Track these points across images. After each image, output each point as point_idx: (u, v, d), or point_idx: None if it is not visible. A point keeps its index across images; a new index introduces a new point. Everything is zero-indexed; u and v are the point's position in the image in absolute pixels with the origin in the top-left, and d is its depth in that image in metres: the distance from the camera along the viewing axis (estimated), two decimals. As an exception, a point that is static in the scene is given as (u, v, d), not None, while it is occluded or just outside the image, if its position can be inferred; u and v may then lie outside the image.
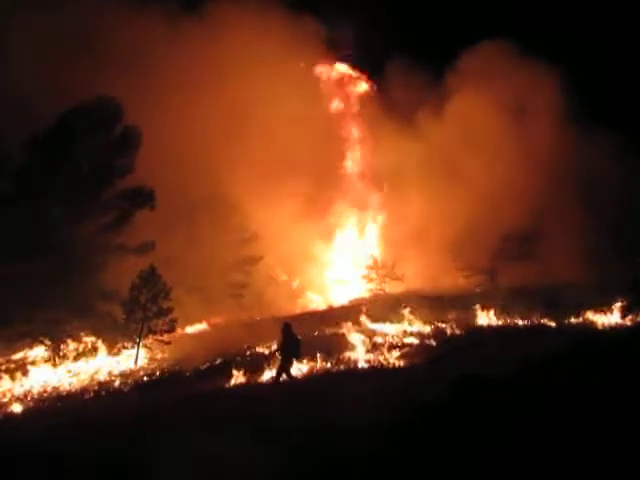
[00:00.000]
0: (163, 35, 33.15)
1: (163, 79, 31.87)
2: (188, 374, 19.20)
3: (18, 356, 22.83)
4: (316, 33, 39.65)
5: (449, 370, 14.82)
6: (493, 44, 39.91)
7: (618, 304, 23.64)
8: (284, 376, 15.75)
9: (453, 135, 37.88)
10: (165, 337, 22.87)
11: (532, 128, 37.37)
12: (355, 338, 22.41)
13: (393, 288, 36.85)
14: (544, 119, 37.36)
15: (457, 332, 23.46)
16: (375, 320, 25.42)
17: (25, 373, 20.80)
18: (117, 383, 19.22)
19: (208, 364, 20.09)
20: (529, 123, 37.64)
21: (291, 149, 35.58)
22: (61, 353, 22.47)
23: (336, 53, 45.49)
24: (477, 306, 25.63)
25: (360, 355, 20.14)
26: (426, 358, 19.00)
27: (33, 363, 21.83)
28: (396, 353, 20.15)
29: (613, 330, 21.71)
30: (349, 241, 42.43)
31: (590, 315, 23.77)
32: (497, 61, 39.32)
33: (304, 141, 36.42)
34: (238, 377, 17.63)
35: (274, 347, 17.18)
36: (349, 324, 24.29)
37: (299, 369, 18.54)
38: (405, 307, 26.08)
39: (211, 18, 35.46)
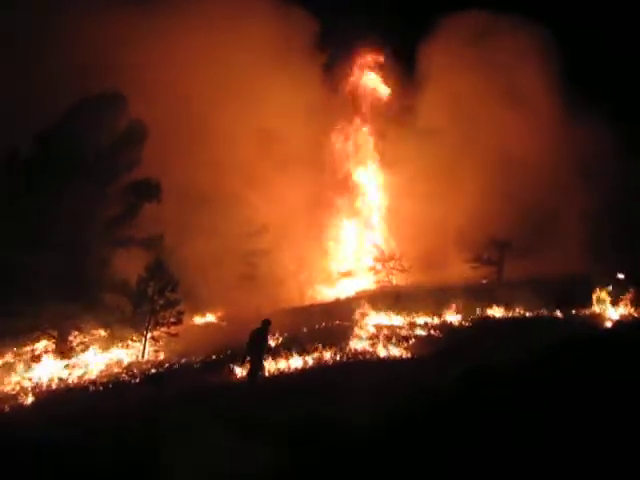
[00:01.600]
0: (164, 25, 32.94)
1: (168, 72, 31.79)
2: (195, 366, 19.30)
3: (26, 349, 22.97)
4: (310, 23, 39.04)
5: (456, 362, 14.83)
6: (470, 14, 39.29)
7: (626, 295, 23.56)
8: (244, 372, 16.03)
9: (444, 115, 37.34)
10: (172, 329, 22.96)
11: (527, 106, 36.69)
12: (362, 330, 22.44)
13: (400, 280, 36.86)
14: (539, 93, 36.67)
15: (464, 324, 23.44)
16: (382, 312, 25.42)
17: (33, 366, 20.95)
18: (124, 375, 19.31)
19: (215, 357, 20.16)
20: (523, 101, 36.88)
21: (296, 140, 35.52)
22: (69, 346, 22.61)
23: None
24: (484, 298, 25.59)
25: (367, 347, 20.16)
26: (433, 350, 19.00)
27: (41, 356, 21.95)
28: (403, 345, 20.16)
29: (620, 322, 21.66)
30: (356, 233, 42.35)
31: (598, 306, 23.67)
32: (479, 29, 38.62)
33: (309, 132, 36.41)
34: (244, 370, 17.64)
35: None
36: (356, 316, 24.30)
37: (306, 361, 18.66)
38: (412, 299, 26.06)
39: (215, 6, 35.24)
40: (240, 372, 17.48)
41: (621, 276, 24.90)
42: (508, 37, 37.95)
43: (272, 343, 20.65)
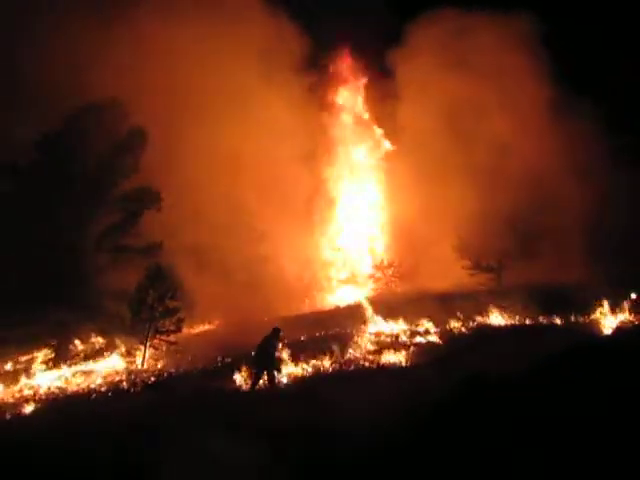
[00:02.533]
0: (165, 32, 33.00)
1: (167, 78, 31.84)
2: (194, 374, 19.27)
3: (27, 357, 22.95)
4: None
5: (456, 369, 14.81)
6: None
7: (626, 302, 23.54)
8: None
9: (440, 119, 37.10)
10: (172, 337, 22.96)
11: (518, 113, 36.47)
12: (361, 337, 22.42)
13: (399, 287, 36.82)
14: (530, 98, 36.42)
15: (463, 331, 23.41)
16: (381, 319, 25.39)
17: (34, 374, 20.94)
18: (124, 383, 19.29)
19: (214, 364, 20.14)
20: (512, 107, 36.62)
21: (296, 146, 35.61)
22: (69, 354, 22.60)
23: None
24: (483, 304, 25.57)
25: (366, 355, 20.14)
26: (432, 357, 18.97)
27: (41, 364, 21.95)
28: (402, 352, 20.13)
29: (620, 328, 21.62)
30: (355, 240, 42.36)
31: (598, 313, 23.63)
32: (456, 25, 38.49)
33: (309, 137, 36.53)
34: (243, 377, 17.63)
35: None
36: (355, 323, 24.30)
37: (304, 369, 18.65)
38: (411, 306, 26.03)
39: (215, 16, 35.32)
40: (243, 380, 17.49)
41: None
42: (493, 36, 37.76)
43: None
